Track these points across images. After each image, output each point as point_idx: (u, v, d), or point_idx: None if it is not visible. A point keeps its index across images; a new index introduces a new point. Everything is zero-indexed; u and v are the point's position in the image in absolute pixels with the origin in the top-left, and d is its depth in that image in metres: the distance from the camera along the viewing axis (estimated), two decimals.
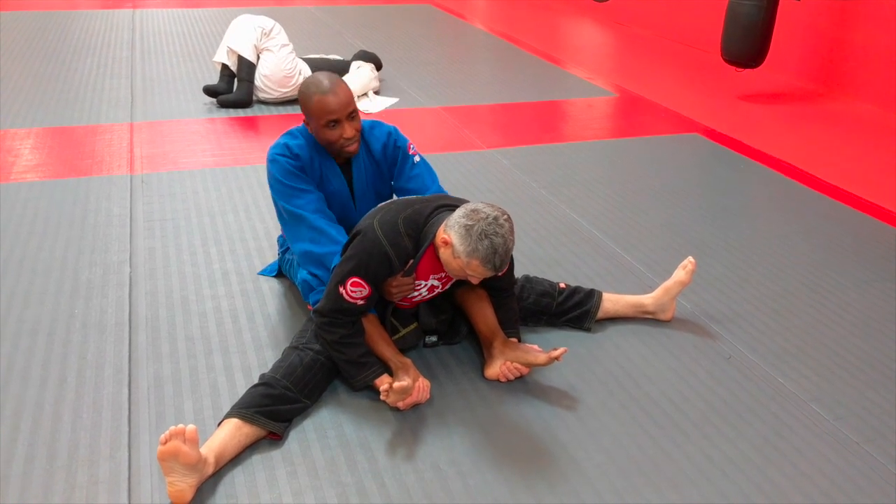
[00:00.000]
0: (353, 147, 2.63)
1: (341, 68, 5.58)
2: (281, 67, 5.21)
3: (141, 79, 5.86)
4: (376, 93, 5.63)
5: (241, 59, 5.17)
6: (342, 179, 2.74)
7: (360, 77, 5.51)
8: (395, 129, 2.82)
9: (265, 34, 5.19)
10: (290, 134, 2.72)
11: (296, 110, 5.25)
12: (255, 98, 5.33)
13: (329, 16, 8.56)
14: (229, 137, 4.72)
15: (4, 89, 5.48)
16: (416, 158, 2.81)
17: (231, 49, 5.17)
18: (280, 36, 5.27)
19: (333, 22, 8.23)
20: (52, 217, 3.55)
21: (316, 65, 5.45)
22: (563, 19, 8.93)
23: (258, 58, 5.21)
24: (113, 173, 4.08)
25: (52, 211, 3.61)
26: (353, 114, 2.59)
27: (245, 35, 5.14)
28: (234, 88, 5.29)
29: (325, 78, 2.60)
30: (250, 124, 5.02)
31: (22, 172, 4.06)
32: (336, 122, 2.57)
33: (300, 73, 5.31)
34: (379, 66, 5.92)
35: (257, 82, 5.24)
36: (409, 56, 6.85)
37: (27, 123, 4.82)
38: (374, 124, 2.80)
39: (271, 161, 2.67)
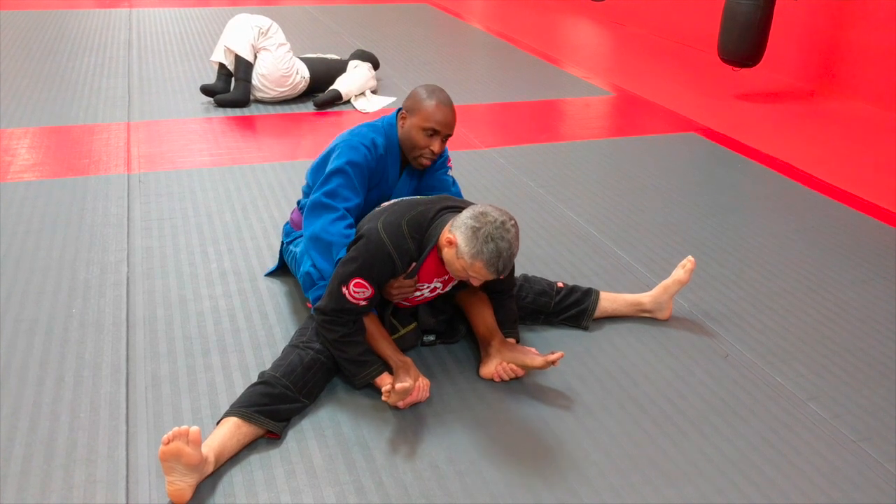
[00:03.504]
0: (427, 162, 2.70)
1: (339, 67, 5.58)
2: (278, 67, 5.21)
3: (138, 78, 5.85)
4: (374, 92, 5.63)
5: (238, 59, 5.16)
6: (396, 181, 2.78)
7: (357, 76, 5.51)
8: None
9: (262, 33, 5.19)
10: (375, 128, 2.71)
11: (293, 110, 5.25)
12: (252, 97, 5.32)
13: (326, 15, 8.56)
14: (227, 137, 4.71)
15: (1, 89, 5.47)
16: (451, 171, 2.89)
17: (228, 48, 5.16)
18: (277, 35, 5.27)
19: (331, 21, 8.23)
20: (50, 216, 3.54)
21: (313, 64, 5.45)
22: (561, 18, 8.93)
23: (255, 57, 5.20)
24: (110, 173, 4.07)
25: (50, 210, 3.60)
26: (448, 136, 2.68)
27: (242, 34, 5.14)
28: (231, 88, 5.28)
29: (446, 95, 2.71)
30: (248, 124, 5.02)
31: (19, 172, 4.05)
32: (435, 134, 2.63)
33: (297, 73, 5.31)
34: (376, 66, 5.92)
35: (255, 81, 5.23)
36: (406, 55, 6.85)
37: (24, 123, 4.81)
38: None
39: (353, 147, 2.62)
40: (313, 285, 2.60)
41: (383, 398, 2.26)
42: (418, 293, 2.50)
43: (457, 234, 2.23)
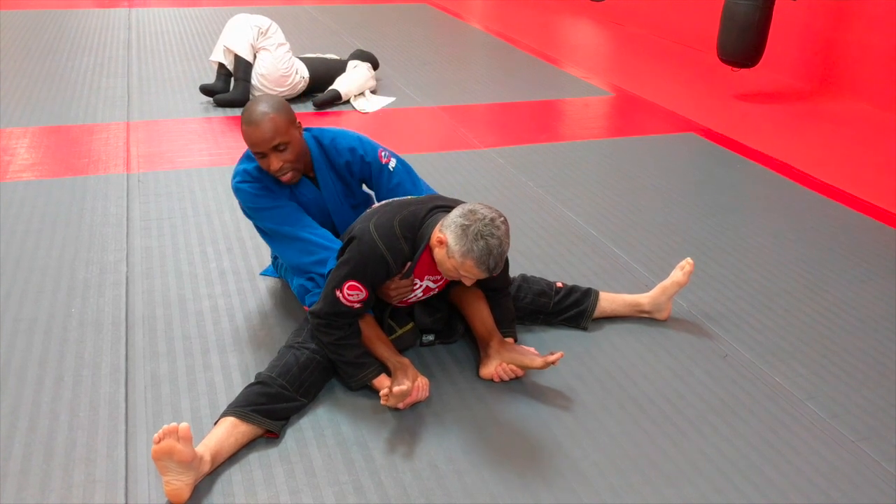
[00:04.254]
0: (286, 177, 2.51)
1: (338, 67, 5.58)
2: (278, 67, 5.21)
3: (137, 78, 5.85)
4: (373, 92, 5.63)
5: (237, 59, 5.16)
6: (313, 190, 2.66)
7: (356, 76, 5.51)
8: (361, 141, 2.68)
9: (262, 33, 5.19)
10: (245, 157, 2.61)
11: (293, 110, 5.23)
12: (251, 97, 5.32)
13: (326, 15, 8.56)
14: (226, 136, 4.71)
15: (0, 88, 5.47)
16: (392, 164, 2.67)
17: (228, 48, 5.16)
18: (277, 35, 5.27)
19: (330, 21, 8.23)
20: (49, 216, 3.54)
21: (313, 64, 5.45)
22: (560, 18, 8.93)
23: (255, 57, 5.20)
24: (109, 172, 4.07)
25: (49, 210, 3.60)
26: (280, 146, 2.45)
27: (242, 34, 5.14)
28: (230, 88, 5.28)
29: (258, 106, 2.47)
30: None
31: (18, 171, 4.05)
32: (262, 155, 2.48)
33: (297, 73, 5.31)
34: (375, 66, 5.93)
35: (254, 81, 5.23)
36: (405, 55, 6.85)
37: (23, 122, 4.81)
38: (337, 136, 2.65)
39: (235, 191, 2.61)
40: (308, 293, 2.60)
41: (382, 402, 2.26)
42: (412, 294, 2.49)
43: (447, 232, 2.23)
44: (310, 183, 2.66)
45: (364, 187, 2.81)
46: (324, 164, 2.63)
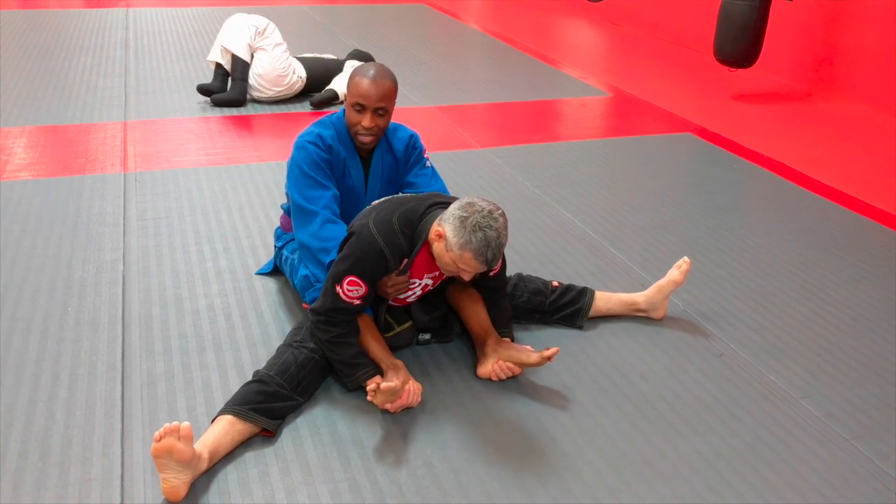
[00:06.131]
0: (367, 139, 2.65)
1: (335, 67, 5.58)
2: (275, 66, 5.21)
3: (135, 77, 5.85)
4: None
5: (235, 58, 5.16)
6: (361, 174, 2.77)
7: None
8: (417, 135, 2.86)
9: (259, 33, 5.20)
10: (321, 123, 2.72)
11: (290, 109, 5.25)
12: (248, 97, 5.32)
13: (323, 15, 8.57)
14: (223, 136, 4.72)
15: None
16: (428, 163, 2.87)
17: (225, 48, 5.17)
18: (274, 35, 5.27)
19: (328, 21, 8.23)
20: (46, 215, 3.54)
21: (310, 64, 5.46)
22: (557, 19, 8.94)
23: (252, 57, 5.21)
24: (106, 172, 4.08)
25: (46, 209, 3.60)
26: (382, 110, 2.61)
27: (239, 34, 5.14)
28: (227, 87, 5.28)
29: (377, 68, 2.63)
30: (244, 123, 5.02)
31: (15, 171, 4.05)
32: (362, 108, 2.59)
33: (294, 73, 5.31)
34: None
35: (251, 81, 5.24)
36: (403, 55, 6.85)
37: (21, 122, 4.81)
38: (399, 127, 2.84)
39: (300, 147, 2.66)
40: (310, 287, 2.60)
41: (368, 398, 2.25)
42: (409, 291, 2.50)
43: (445, 225, 2.24)
44: (360, 167, 2.76)
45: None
46: (384, 145, 2.79)
